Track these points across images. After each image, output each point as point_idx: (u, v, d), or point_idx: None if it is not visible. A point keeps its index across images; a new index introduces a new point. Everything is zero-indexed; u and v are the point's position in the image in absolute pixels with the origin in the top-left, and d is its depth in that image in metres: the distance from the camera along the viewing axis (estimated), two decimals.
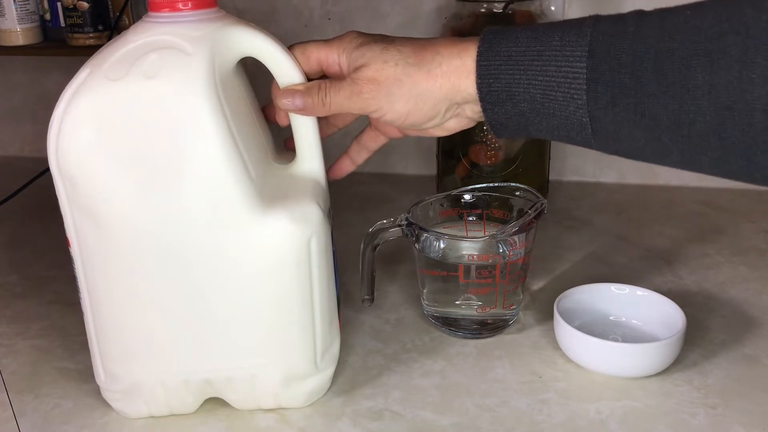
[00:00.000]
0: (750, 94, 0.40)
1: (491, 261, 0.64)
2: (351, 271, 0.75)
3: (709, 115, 0.42)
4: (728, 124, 0.42)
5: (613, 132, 0.46)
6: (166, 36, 0.50)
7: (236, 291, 0.53)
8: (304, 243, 0.52)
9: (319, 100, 0.52)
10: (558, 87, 0.46)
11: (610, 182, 1.01)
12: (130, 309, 0.53)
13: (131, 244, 0.51)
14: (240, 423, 0.57)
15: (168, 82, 0.48)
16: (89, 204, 0.50)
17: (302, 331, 0.55)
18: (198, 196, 0.50)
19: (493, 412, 0.57)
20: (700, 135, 0.43)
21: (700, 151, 0.44)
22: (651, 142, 0.46)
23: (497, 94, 0.49)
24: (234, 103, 0.51)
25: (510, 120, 0.50)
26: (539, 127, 0.50)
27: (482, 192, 0.70)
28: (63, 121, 0.49)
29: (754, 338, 0.66)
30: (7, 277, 0.80)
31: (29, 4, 1.00)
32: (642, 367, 0.60)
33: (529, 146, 0.88)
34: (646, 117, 0.44)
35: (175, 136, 0.48)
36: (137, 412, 0.57)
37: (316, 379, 0.58)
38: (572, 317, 0.63)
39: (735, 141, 0.42)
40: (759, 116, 0.41)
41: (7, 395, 0.61)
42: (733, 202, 0.94)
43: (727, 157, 0.43)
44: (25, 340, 0.69)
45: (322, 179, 0.57)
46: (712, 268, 0.78)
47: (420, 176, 1.05)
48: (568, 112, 0.47)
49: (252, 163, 0.51)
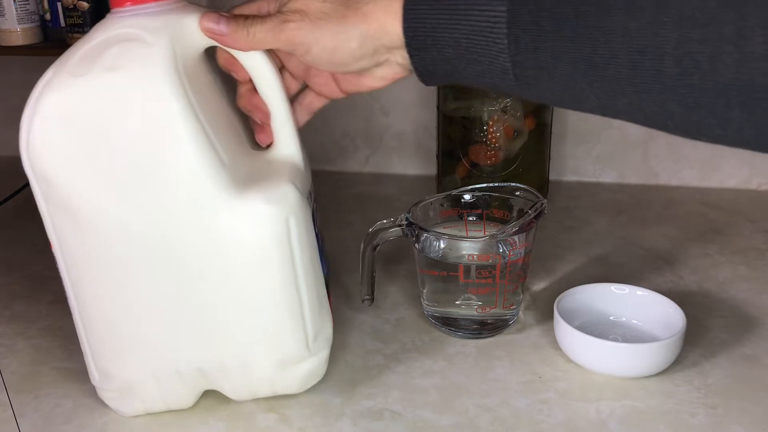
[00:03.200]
0: (661, 37, 0.40)
1: (491, 261, 0.64)
2: (351, 271, 0.75)
3: (623, 60, 0.42)
4: (640, 69, 0.41)
5: (533, 77, 0.46)
6: (128, 29, 0.50)
7: (220, 277, 0.53)
8: (282, 224, 0.52)
9: (244, 29, 0.51)
10: (481, 31, 0.46)
11: (610, 182, 1.01)
12: (116, 305, 0.53)
13: (110, 239, 0.51)
14: (240, 423, 0.57)
15: (130, 73, 0.48)
16: (65, 202, 0.50)
17: (291, 314, 0.55)
18: (171, 185, 0.50)
19: (493, 412, 0.57)
20: (614, 80, 0.43)
21: (614, 97, 0.44)
22: (569, 87, 0.45)
23: (422, 39, 0.49)
24: (201, 91, 0.51)
25: (437, 67, 0.50)
26: (465, 74, 0.49)
27: (482, 192, 0.70)
28: (32, 121, 0.49)
29: (754, 338, 0.66)
30: (7, 277, 0.80)
31: (29, 4, 1.00)
32: (642, 367, 0.60)
33: (529, 146, 0.88)
34: (564, 61, 0.44)
35: (143, 126, 0.49)
36: (133, 409, 0.57)
37: (311, 363, 0.57)
38: (572, 317, 0.63)
39: (647, 87, 0.42)
40: (669, 61, 0.40)
41: (7, 395, 0.61)
42: (733, 202, 0.94)
43: (640, 103, 0.43)
44: (25, 340, 0.69)
45: (300, 162, 0.57)
46: (712, 268, 0.78)
47: (420, 176, 1.05)
48: (491, 56, 0.47)
49: (224, 148, 0.51)
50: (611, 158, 1.00)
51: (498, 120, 0.86)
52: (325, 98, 0.58)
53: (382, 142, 1.05)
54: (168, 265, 0.52)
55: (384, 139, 1.05)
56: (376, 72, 0.53)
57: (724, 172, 0.98)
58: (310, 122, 0.60)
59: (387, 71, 0.53)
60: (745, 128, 0.41)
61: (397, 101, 1.02)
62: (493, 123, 0.86)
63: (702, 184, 0.99)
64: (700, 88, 0.40)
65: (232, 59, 0.54)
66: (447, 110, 0.89)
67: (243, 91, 0.56)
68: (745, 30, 0.38)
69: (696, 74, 0.40)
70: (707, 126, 0.42)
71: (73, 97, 0.49)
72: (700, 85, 0.40)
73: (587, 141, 1.00)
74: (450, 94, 0.88)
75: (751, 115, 0.40)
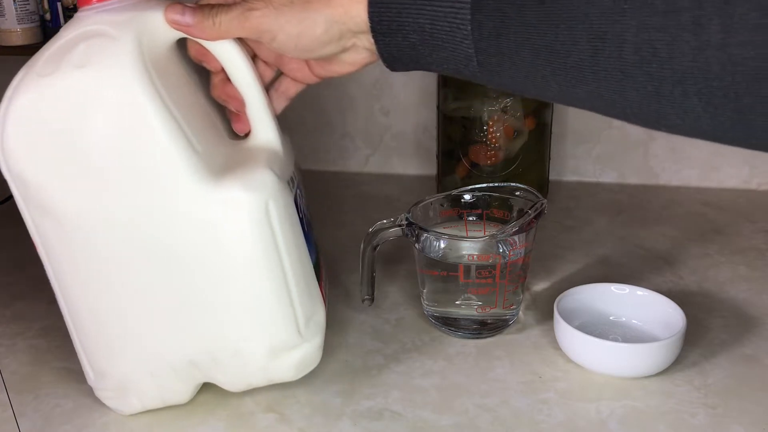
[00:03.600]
0: (621, 24, 0.40)
1: (491, 261, 0.64)
2: (351, 271, 0.75)
3: (583, 46, 0.42)
4: (600, 56, 0.41)
5: (496, 64, 0.46)
6: (94, 26, 0.50)
7: (204, 267, 0.52)
8: (261, 209, 0.52)
9: (209, 19, 0.51)
10: (445, 17, 0.46)
11: (610, 182, 1.01)
12: (103, 302, 0.53)
13: (92, 237, 0.51)
14: (240, 423, 0.57)
15: (97, 68, 0.48)
16: (44, 203, 0.50)
17: (279, 300, 0.55)
18: (147, 179, 0.50)
19: (493, 412, 0.57)
20: (575, 67, 0.43)
21: (575, 84, 0.44)
22: (531, 74, 0.45)
23: (387, 24, 0.49)
24: (173, 83, 0.51)
25: (402, 52, 0.50)
26: (429, 60, 0.49)
27: (482, 192, 0.70)
28: (4, 123, 0.49)
29: (754, 338, 0.66)
30: (7, 277, 0.80)
31: (29, 4, 1.00)
32: (642, 367, 0.60)
33: (529, 146, 0.88)
34: (526, 48, 0.44)
35: (113, 121, 0.49)
36: (131, 407, 0.57)
37: (304, 350, 0.57)
38: (572, 317, 0.63)
39: (607, 74, 0.42)
40: (628, 48, 0.40)
41: (7, 395, 0.61)
42: (733, 202, 0.94)
43: (600, 90, 0.43)
44: (25, 340, 0.69)
45: (278, 148, 0.57)
46: (712, 268, 0.78)
47: (420, 176, 1.05)
48: (455, 42, 0.47)
49: (198, 138, 0.51)
50: (611, 158, 1.00)
51: (498, 120, 0.86)
52: (301, 83, 0.58)
53: (382, 142, 1.05)
54: (152, 259, 0.52)
55: (384, 139, 1.05)
56: (344, 57, 0.53)
57: (724, 172, 0.98)
58: (288, 108, 0.59)
59: (355, 56, 0.53)
60: (702, 118, 0.41)
61: (397, 101, 1.02)
62: (493, 123, 0.86)
63: (702, 184, 0.99)
64: (658, 76, 0.40)
65: (202, 50, 0.54)
66: (447, 110, 0.89)
67: (216, 81, 0.56)
68: (703, 18, 0.37)
69: (654, 62, 0.40)
70: (666, 115, 0.42)
71: (42, 98, 0.49)
72: (659, 73, 0.40)
73: (587, 141, 1.00)
74: (450, 94, 0.88)
75: (708, 105, 0.39)
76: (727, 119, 0.40)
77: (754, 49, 0.36)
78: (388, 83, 1.01)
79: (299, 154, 0.97)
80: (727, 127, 0.40)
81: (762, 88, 0.37)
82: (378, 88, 1.02)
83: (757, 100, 0.38)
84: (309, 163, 1.06)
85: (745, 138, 0.41)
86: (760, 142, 0.41)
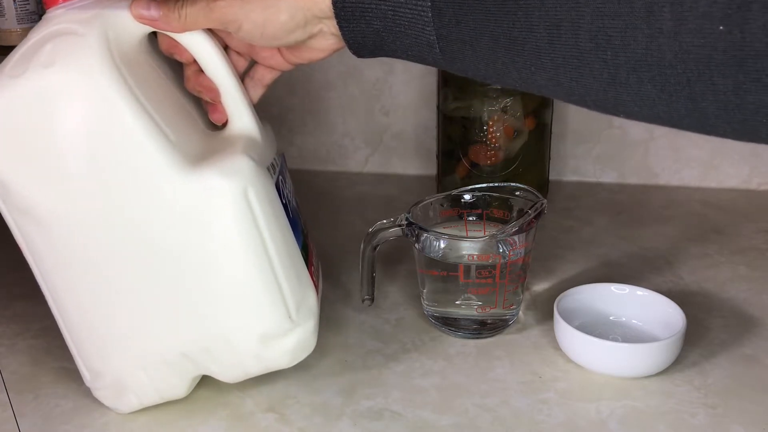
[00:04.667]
0: (576, 12, 0.40)
1: (491, 261, 0.64)
2: (351, 271, 0.75)
3: (540, 34, 0.42)
4: (557, 44, 0.42)
5: (458, 51, 0.46)
6: (60, 24, 0.50)
7: (188, 258, 0.52)
8: (240, 195, 0.52)
9: (175, 11, 0.51)
10: (406, 4, 0.46)
11: (610, 182, 1.01)
12: (90, 300, 0.53)
13: (74, 235, 0.51)
14: (240, 423, 0.57)
15: (65, 67, 0.48)
16: (24, 204, 0.50)
17: (266, 286, 0.54)
18: (123, 173, 0.50)
19: (493, 412, 0.57)
20: (533, 54, 0.43)
21: (534, 72, 0.44)
22: (492, 61, 0.45)
23: (351, 11, 0.49)
24: (144, 77, 0.51)
25: (366, 39, 0.50)
26: (394, 47, 0.50)
27: (482, 192, 0.70)
28: None
29: (754, 338, 0.66)
30: (7, 277, 0.80)
31: (29, 4, 1.00)
32: (642, 367, 0.60)
33: (529, 146, 0.88)
34: (485, 35, 0.44)
35: (85, 118, 0.49)
36: (129, 405, 0.57)
37: (296, 335, 0.57)
38: (572, 317, 0.63)
39: (564, 61, 0.42)
40: (584, 36, 0.40)
41: (7, 395, 0.61)
42: (733, 202, 0.94)
43: (559, 77, 0.43)
44: (25, 340, 0.69)
45: (256, 134, 0.57)
46: (712, 268, 0.78)
47: (420, 176, 1.05)
48: (417, 30, 0.47)
49: (172, 130, 0.51)
50: (611, 158, 1.00)
51: (498, 120, 0.86)
52: (276, 71, 0.58)
53: (382, 142, 1.05)
54: (135, 254, 0.52)
55: (384, 139, 1.05)
56: (312, 44, 0.53)
57: (724, 172, 0.98)
58: (264, 97, 0.59)
59: (323, 42, 0.53)
60: (658, 105, 0.41)
61: (397, 101, 1.02)
62: (493, 123, 0.86)
63: (702, 184, 0.99)
64: (613, 63, 0.40)
65: (173, 42, 0.54)
66: (447, 110, 0.89)
67: (189, 73, 0.56)
68: (655, 6, 0.38)
69: (609, 50, 0.40)
70: (623, 102, 0.42)
71: (12, 99, 0.49)
72: (614, 60, 0.40)
73: (587, 141, 1.00)
74: (450, 94, 0.88)
75: (662, 92, 0.40)
76: (681, 106, 0.40)
77: (703, 37, 0.37)
78: (388, 83, 1.01)
79: (299, 155, 0.97)
80: (683, 114, 0.41)
81: (713, 75, 0.38)
82: (378, 88, 1.02)
83: (708, 87, 0.38)
84: (309, 163, 1.06)
85: (700, 125, 0.41)
86: (714, 129, 0.41)
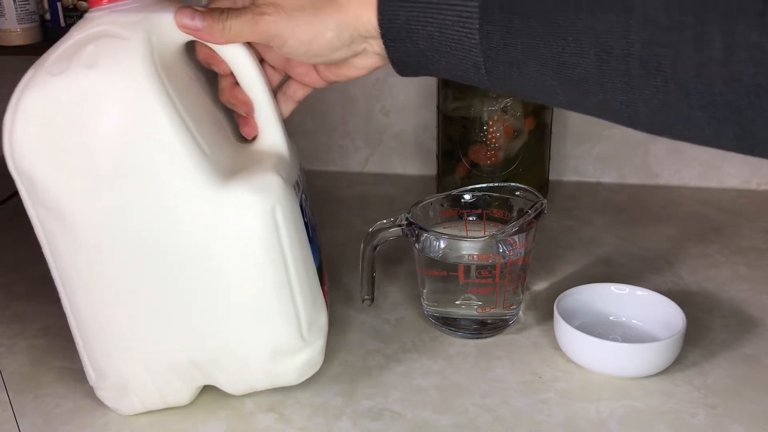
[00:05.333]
0: (626, 39, 0.40)
1: (491, 261, 0.64)
2: (351, 271, 0.75)
3: (590, 59, 0.42)
4: (606, 69, 0.42)
5: (504, 72, 0.47)
6: (104, 26, 0.50)
7: (208, 269, 0.52)
8: (267, 213, 0.52)
9: (219, 23, 0.51)
10: (453, 25, 0.46)
11: (610, 182, 1.01)
12: (105, 301, 0.53)
13: (97, 236, 0.51)
14: (240, 423, 0.57)
15: (107, 69, 0.48)
16: (49, 201, 0.50)
17: (282, 305, 0.55)
18: (154, 179, 0.50)
19: (493, 412, 0.57)
20: (582, 78, 0.43)
21: (583, 95, 0.44)
22: (539, 83, 0.46)
23: (397, 31, 0.49)
24: (182, 85, 0.51)
25: (411, 58, 0.50)
26: (439, 66, 0.50)
27: (482, 192, 0.70)
28: (13, 121, 0.49)
29: (754, 338, 0.66)
30: (7, 277, 0.80)
31: (29, 4, 1.00)
32: (642, 367, 0.60)
33: (529, 146, 0.88)
34: (534, 59, 0.44)
35: (122, 122, 0.49)
36: (132, 408, 0.57)
37: (306, 354, 0.57)
38: (572, 317, 0.63)
39: (613, 86, 0.42)
40: (634, 63, 0.41)
41: (7, 395, 0.61)
42: (733, 202, 0.94)
43: (608, 101, 0.44)
44: (25, 340, 0.69)
45: (285, 152, 0.57)
46: (712, 268, 0.78)
47: (420, 176, 1.05)
48: (463, 51, 0.47)
49: (206, 141, 0.51)
50: (611, 158, 1.00)
51: (498, 120, 0.86)
52: (308, 87, 0.58)
53: (382, 142, 1.05)
54: (156, 260, 0.52)
55: (384, 139, 1.05)
56: (354, 62, 0.53)
57: (724, 172, 0.98)
58: (296, 112, 0.59)
59: (365, 61, 0.53)
60: (707, 129, 0.41)
61: (397, 101, 1.02)
62: (493, 123, 0.86)
63: (702, 184, 0.99)
64: (664, 89, 0.41)
65: (211, 53, 0.54)
66: (447, 110, 0.89)
67: (225, 85, 0.56)
68: (706, 35, 0.38)
69: (659, 76, 0.40)
70: (672, 125, 0.43)
71: (51, 97, 0.49)
72: (664, 87, 0.40)
73: (587, 141, 1.00)
74: (450, 94, 0.88)
75: (712, 118, 0.40)
76: (730, 131, 0.40)
77: (755, 66, 0.37)
78: (388, 83, 1.01)
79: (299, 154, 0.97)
80: (731, 138, 0.41)
81: (763, 103, 0.38)
82: (378, 88, 1.02)
83: (759, 114, 0.39)
84: (309, 163, 1.06)
85: (749, 149, 0.42)
86: (763, 152, 0.42)
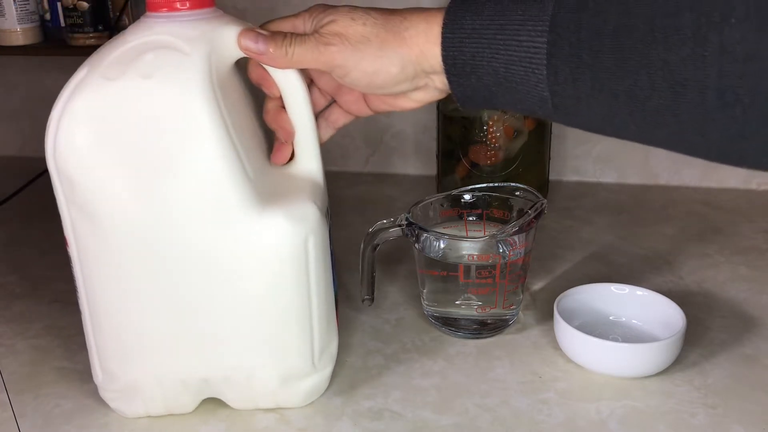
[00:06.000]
0: (702, 71, 0.40)
1: (491, 261, 0.64)
2: (351, 271, 0.75)
3: (664, 92, 0.42)
4: (681, 101, 0.42)
5: (572, 107, 0.47)
6: (164, 36, 0.50)
7: (233, 290, 0.53)
8: (301, 242, 0.52)
9: (282, 48, 0.51)
10: (519, 62, 0.46)
11: (610, 182, 1.01)
12: (127, 308, 0.53)
13: (128, 243, 0.51)
14: (240, 423, 0.57)
15: (165, 81, 0.48)
16: (86, 203, 0.50)
17: (300, 331, 0.55)
18: (195, 196, 0.50)
19: (493, 412, 0.57)
20: (655, 111, 0.43)
21: (655, 127, 0.44)
22: (609, 117, 0.46)
23: (462, 67, 0.49)
24: (232, 103, 0.51)
25: (475, 93, 0.50)
26: (503, 101, 0.50)
27: (482, 192, 0.70)
28: (60, 120, 0.49)
29: (754, 338, 0.66)
30: (7, 277, 0.80)
31: (29, 4, 1.00)
32: (642, 367, 0.60)
33: (529, 146, 0.88)
34: (604, 92, 0.44)
35: (172, 136, 0.48)
36: (135, 411, 0.57)
37: (314, 379, 0.58)
38: (572, 317, 0.64)
39: (688, 118, 0.42)
40: (711, 94, 0.41)
41: (7, 395, 0.61)
42: (733, 202, 0.94)
43: (682, 133, 0.44)
44: (25, 340, 0.69)
45: (320, 179, 0.57)
46: (712, 268, 0.78)
47: (420, 176, 1.05)
48: (530, 86, 0.47)
49: (249, 162, 0.51)
50: (611, 158, 1.00)
51: (498, 120, 0.86)
52: (352, 115, 0.59)
53: (382, 142, 1.05)
54: (181, 273, 0.52)
55: (384, 139, 1.05)
56: (413, 95, 0.54)
57: (724, 172, 0.98)
58: None
59: (425, 95, 0.53)
60: None
61: None
62: (493, 123, 0.86)
63: (702, 184, 0.99)
64: (742, 119, 0.41)
65: (265, 74, 0.54)
66: (447, 110, 0.89)
67: (270, 107, 0.56)
68: None
69: (738, 107, 0.40)
70: (748, 154, 0.43)
71: (104, 100, 0.48)
72: (743, 117, 0.40)
73: (587, 141, 1.00)
74: None
75: None
76: None
77: None
78: None
79: None
80: None
81: None
82: None
83: None
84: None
85: None
86: None
